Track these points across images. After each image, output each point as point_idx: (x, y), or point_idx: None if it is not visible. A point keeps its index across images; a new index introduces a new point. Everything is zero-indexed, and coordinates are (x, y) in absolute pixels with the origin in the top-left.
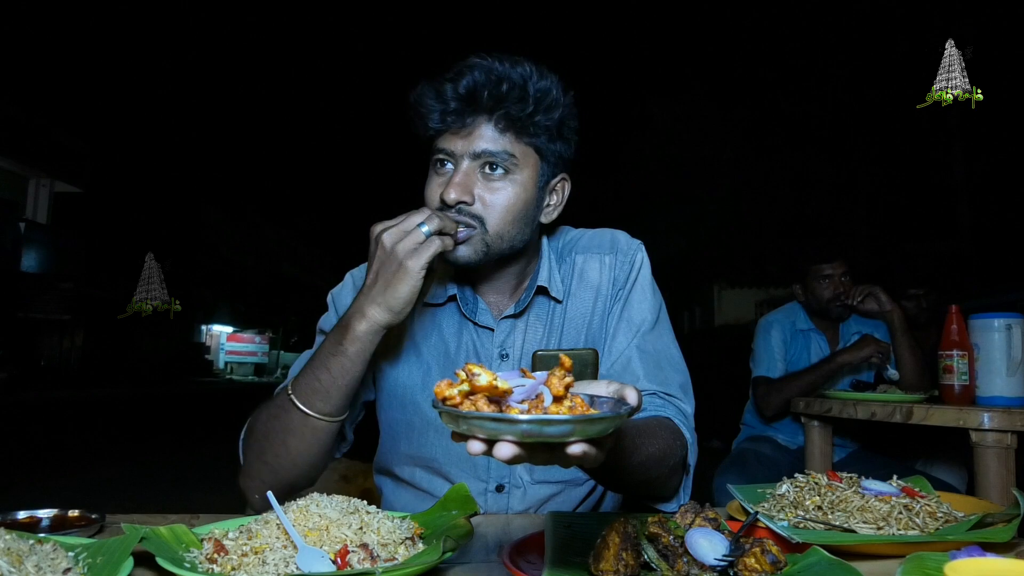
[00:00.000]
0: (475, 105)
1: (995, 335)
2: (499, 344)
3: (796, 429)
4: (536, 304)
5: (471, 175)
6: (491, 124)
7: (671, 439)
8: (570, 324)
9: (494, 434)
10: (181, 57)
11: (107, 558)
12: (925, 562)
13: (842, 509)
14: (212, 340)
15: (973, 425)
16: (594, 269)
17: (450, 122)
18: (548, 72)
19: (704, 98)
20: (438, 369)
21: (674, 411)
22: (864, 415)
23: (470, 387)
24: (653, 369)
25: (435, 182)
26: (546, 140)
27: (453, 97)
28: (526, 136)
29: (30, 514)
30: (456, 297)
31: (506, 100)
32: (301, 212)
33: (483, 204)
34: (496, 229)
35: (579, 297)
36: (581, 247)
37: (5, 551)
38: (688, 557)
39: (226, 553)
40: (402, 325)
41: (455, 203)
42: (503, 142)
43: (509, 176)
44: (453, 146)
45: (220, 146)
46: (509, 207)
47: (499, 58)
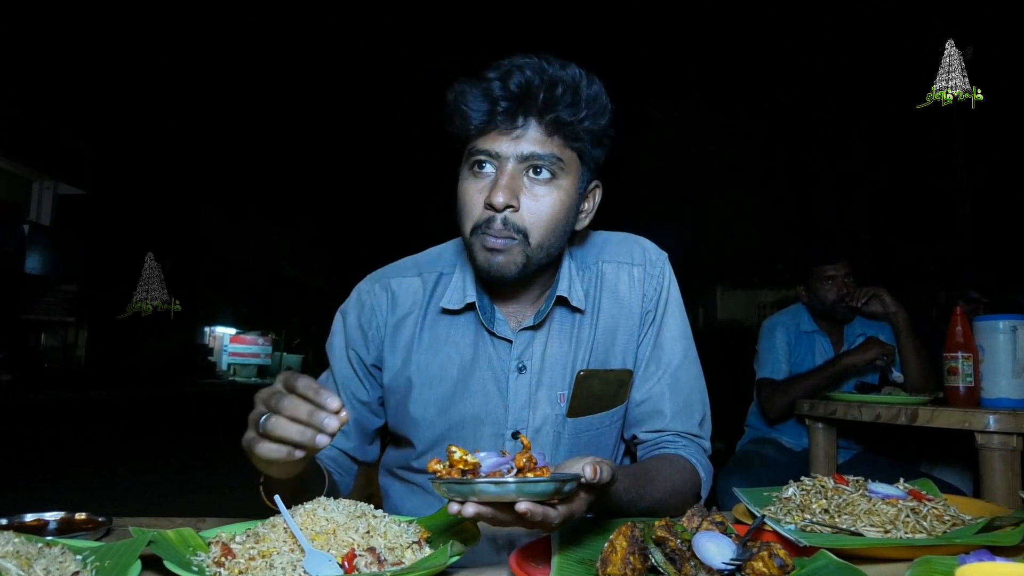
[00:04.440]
0: (527, 105)
1: (1000, 337)
2: (517, 357)
3: (800, 431)
4: (557, 315)
5: (517, 178)
6: (541, 127)
7: (682, 481)
8: (598, 337)
9: (463, 495)
10: (183, 59)
11: (115, 561)
12: (933, 566)
13: (849, 512)
14: (215, 342)
15: (978, 427)
16: (623, 282)
17: (499, 121)
18: (595, 77)
19: (706, 100)
20: (451, 381)
21: (695, 450)
22: (869, 417)
23: (451, 462)
24: (682, 407)
25: (475, 184)
26: (590, 145)
27: (504, 96)
28: (572, 141)
29: (37, 517)
30: (475, 305)
31: (559, 103)
32: (303, 214)
33: (528, 212)
34: (539, 239)
35: (606, 310)
36: (607, 255)
37: (14, 554)
38: (695, 561)
39: (233, 557)
40: (412, 330)
41: (503, 207)
42: (551, 145)
43: (554, 181)
44: (498, 147)
45: (222, 148)
46: (553, 215)
47: (547, 59)
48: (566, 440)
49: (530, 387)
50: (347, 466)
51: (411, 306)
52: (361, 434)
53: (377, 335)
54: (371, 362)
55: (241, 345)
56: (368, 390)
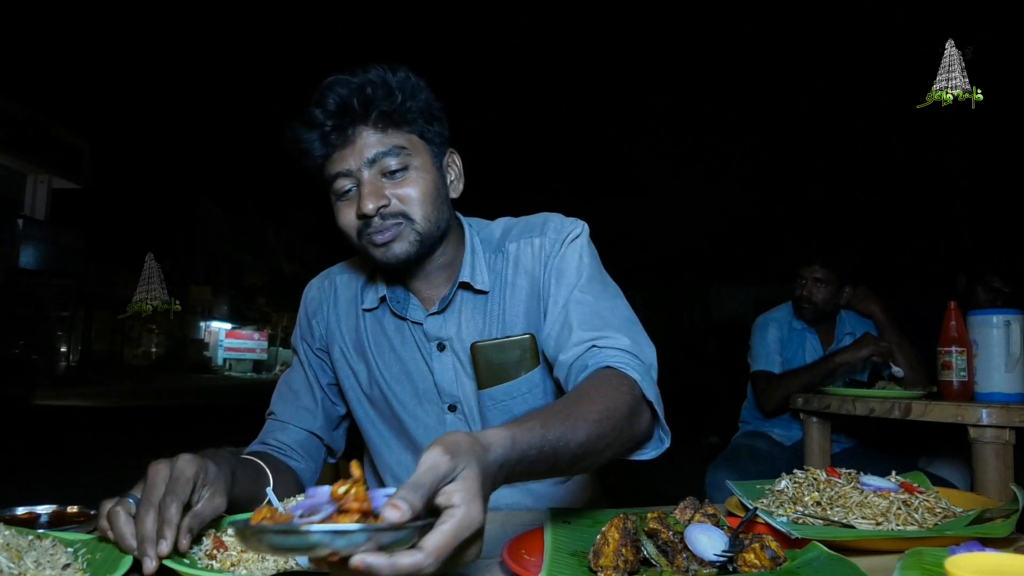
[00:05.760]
0: (350, 115)
1: (994, 331)
2: (435, 336)
3: (791, 425)
4: (467, 299)
5: (376, 182)
6: (371, 128)
7: (615, 394)
8: (511, 312)
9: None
10: (179, 53)
11: (106, 554)
12: (924, 557)
13: (841, 505)
14: (211, 337)
15: (971, 421)
16: (527, 255)
17: (333, 140)
18: (398, 66)
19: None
20: (387, 367)
21: (611, 353)
22: (863, 411)
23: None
24: (590, 317)
25: (345, 210)
26: (423, 123)
27: (326, 117)
28: (405, 126)
29: (29, 510)
30: (386, 298)
31: (374, 100)
32: (299, 208)
33: (400, 201)
34: (421, 215)
35: (517, 285)
36: (514, 235)
37: (4, 547)
38: (687, 553)
39: (226, 549)
40: (349, 335)
41: (375, 212)
42: (389, 140)
43: (410, 168)
44: (345, 164)
45: (218, 142)
46: (424, 192)
47: (350, 71)
48: (489, 412)
49: (454, 364)
50: (314, 450)
51: (349, 300)
52: (326, 417)
53: (320, 326)
54: (317, 347)
55: (237, 340)
56: (328, 373)
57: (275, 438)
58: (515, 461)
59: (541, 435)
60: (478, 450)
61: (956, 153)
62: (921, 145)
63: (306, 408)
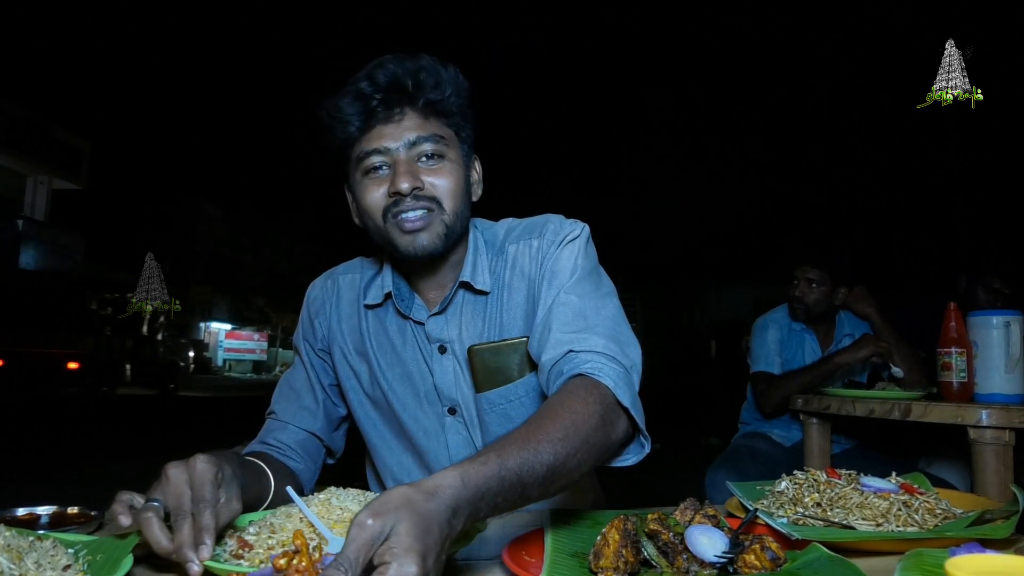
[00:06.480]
0: (400, 94)
1: (993, 332)
2: (436, 337)
3: (791, 426)
4: (467, 299)
5: (413, 164)
6: (416, 112)
7: (577, 408)
8: (508, 315)
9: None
10: (179, 54)
11: (107, 555)
12: (924, 558)
13: (841, 506)
14: (210, 337)
15: (971, 422)
16: (525, 256)
17: (379, 115)
18: (447, 62)
19: (703, 98)
20: (388, 367)
21: (586, 358)
22: (863, 412)
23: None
24: (572, 318)
25: (373, 187)
26: (461, 121)
27: (375, 91)
28: (445, 119)
29: (29, 511)
30: (392, 295)
31: (426, 86)
32: (299, 209)
33: (433, 186)
34: (451, 207)
35: (515, 288)
36: (514, 237)
37: (5, 548)
38: (688, 554)
39: (251, 548)
40: (351, 335)
41: (410, 191)
42: (430, 127)
43: (445, 158)
44: (385, 141)
45: (218, 143)
46: (456, 184)
47: (399, 56)
48: (487, 415)
49: (454, 367)
50: (314, 450)
51: (352, 301)
52: (327, 418)
53: (322, 326)
54: (319, 347)
55: (237, 340)
56: (330, 374)
57: (275, 438)
58: (472, 499)
59: (498, 466)
60: (416, 501)
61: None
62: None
63: (307, 408)
